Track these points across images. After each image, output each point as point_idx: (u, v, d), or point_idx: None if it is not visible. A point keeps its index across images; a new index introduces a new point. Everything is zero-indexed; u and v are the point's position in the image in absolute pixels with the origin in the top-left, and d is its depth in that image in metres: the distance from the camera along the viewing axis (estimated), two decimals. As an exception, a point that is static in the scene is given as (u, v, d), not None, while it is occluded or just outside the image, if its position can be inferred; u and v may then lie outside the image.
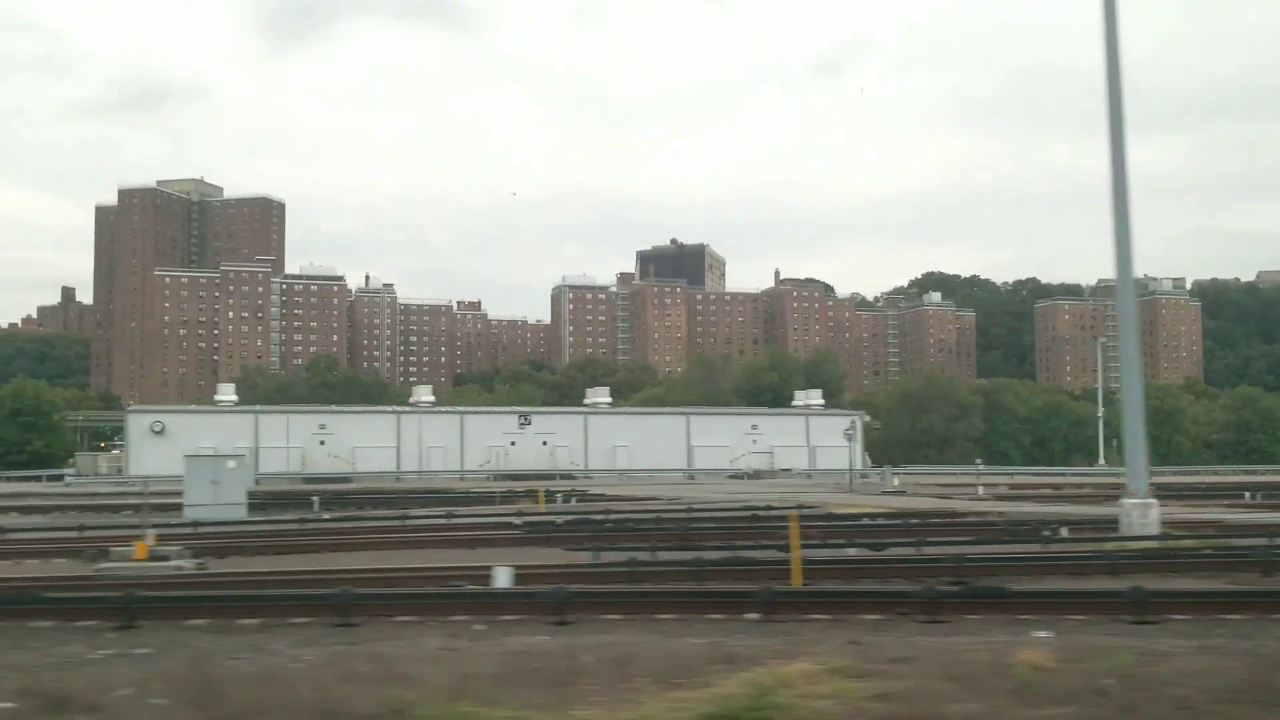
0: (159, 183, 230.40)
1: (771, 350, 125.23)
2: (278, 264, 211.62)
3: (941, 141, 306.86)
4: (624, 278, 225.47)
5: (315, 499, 38.63)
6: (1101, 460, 79.36)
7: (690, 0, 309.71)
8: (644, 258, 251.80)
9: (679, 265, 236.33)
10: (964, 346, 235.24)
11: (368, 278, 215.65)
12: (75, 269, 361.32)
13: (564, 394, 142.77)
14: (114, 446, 70.63)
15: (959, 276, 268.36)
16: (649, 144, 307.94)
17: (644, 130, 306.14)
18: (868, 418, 73.17)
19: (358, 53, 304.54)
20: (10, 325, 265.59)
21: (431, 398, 73.39)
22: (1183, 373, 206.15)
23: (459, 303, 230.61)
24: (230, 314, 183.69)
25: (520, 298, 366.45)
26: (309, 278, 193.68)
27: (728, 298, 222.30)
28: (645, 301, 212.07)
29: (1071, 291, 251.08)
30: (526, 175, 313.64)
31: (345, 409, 73.32)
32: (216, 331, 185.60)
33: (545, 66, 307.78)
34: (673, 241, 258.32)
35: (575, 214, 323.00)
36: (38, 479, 61.64)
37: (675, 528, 25.13)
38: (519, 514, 31.23)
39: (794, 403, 76.44)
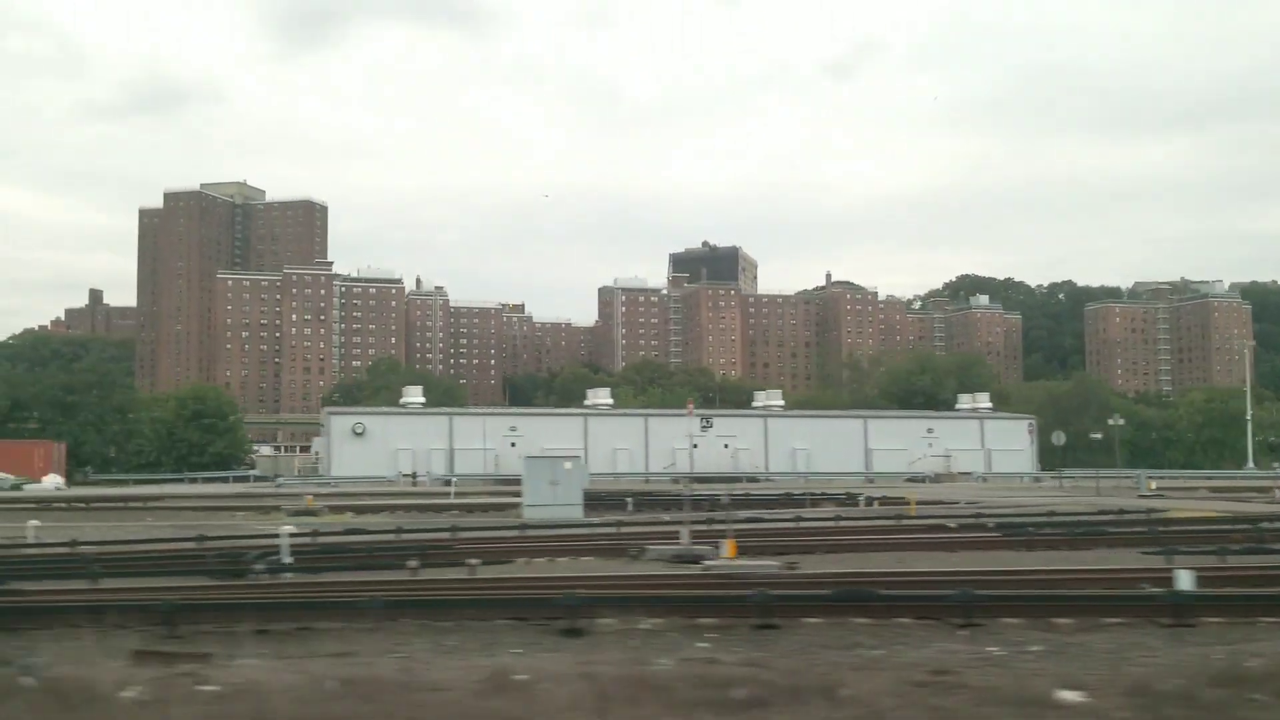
0: (203, 185, 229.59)
1: (919, 353, 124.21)
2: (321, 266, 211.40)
3: (948, 141, 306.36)
4: (676, 280, 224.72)
5: (629, 500, 38.04)
6: (1250, 463, 78.70)
7: (699, 2, 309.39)
8: (677, 260, 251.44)
9: (713, 267, 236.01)
10: (1010, 349, 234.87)
11: (419, 280, 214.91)
12: (98, 271, 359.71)
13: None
14: (298, 448, 69.85)
15: (994, 279, 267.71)
16: (661, 145, 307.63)
17: (655, 131, 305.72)
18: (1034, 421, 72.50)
19: (369, 55, 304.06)
20: (40, 328, 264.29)
21: (610, 400, 72.69)
22: (1236, 376, 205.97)
23: (502, 305, 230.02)
24: (293, 316, 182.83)
25: (541, 299, 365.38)
26: (368, 280, 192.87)
27: (780, 300, 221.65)
28: (700, 304, 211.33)
29: (1112, 294, 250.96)
30: (537, 176, 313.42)
31: (534, 411, 72.77)
32: (278, 334, 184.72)
33: (555, 68, 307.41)
34: (704, 244, 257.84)
35: (588, 215, 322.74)
36: (225, 479, 61.00)
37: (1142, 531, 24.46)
38: (898, 517, 30.77)
39: (957, 406, 75.82)
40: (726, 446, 66.23)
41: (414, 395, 71.49)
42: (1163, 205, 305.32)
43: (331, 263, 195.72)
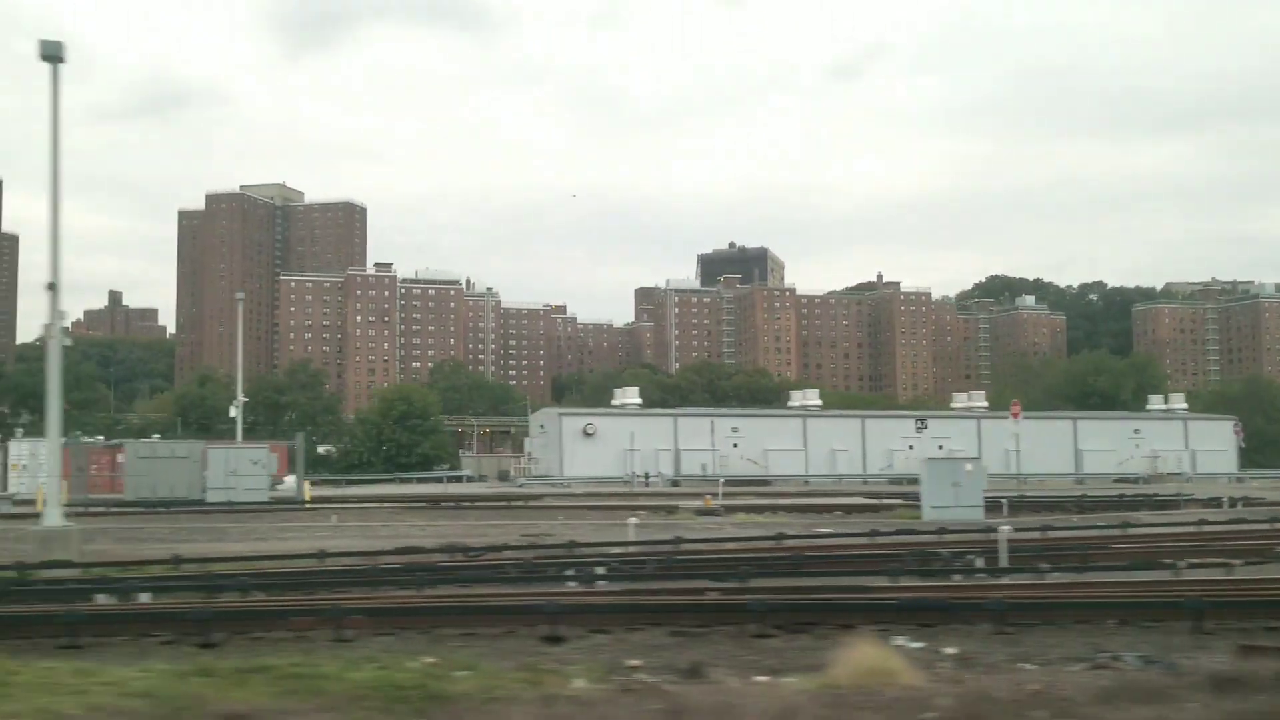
0: (242, 187, 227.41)
1: (1092, 354, 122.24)
2: (358, 268, 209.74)
3: (952, 143, 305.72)
4: (728, 281, 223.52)
5: (1004, 501, 36.68)
6: None
7: (703, 3, 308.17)
8: (705, 260, 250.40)
9: (741, 268, 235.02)
10: (1056, 349, 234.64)
11: (469, 281, 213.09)
12: (113, 272, 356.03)
13: (683, 396, 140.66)
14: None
15: (1025, 279, 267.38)
16: (667, 147, 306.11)
17: (657, 133, 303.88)
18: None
19: (373, 57, 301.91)
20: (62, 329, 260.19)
21: (819, 401, 71.35)
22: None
23: (546, 305, 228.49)
24: (357, 318, 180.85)
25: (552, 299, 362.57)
26: (426, 281, 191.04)
27: (833, 300, 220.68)
28: (755, 304, 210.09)
29: (1146, 294, 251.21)
30: (538, 178, 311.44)
31: (754, 412, 71.29)
32: (340, 336, 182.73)
33: (558, 70, 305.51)
34: (731, 244, 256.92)
35: (594, 217, 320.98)
36: (440, 480, 59.45)
37: None
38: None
39: (1148, 407, 74.81)
40: (941, 448, 64.83)
41: (631, 396, 69.94)
42: (1169, 206, 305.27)
43: (391, 264, 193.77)
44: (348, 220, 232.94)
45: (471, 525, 28.67)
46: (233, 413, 50.38)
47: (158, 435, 59.79)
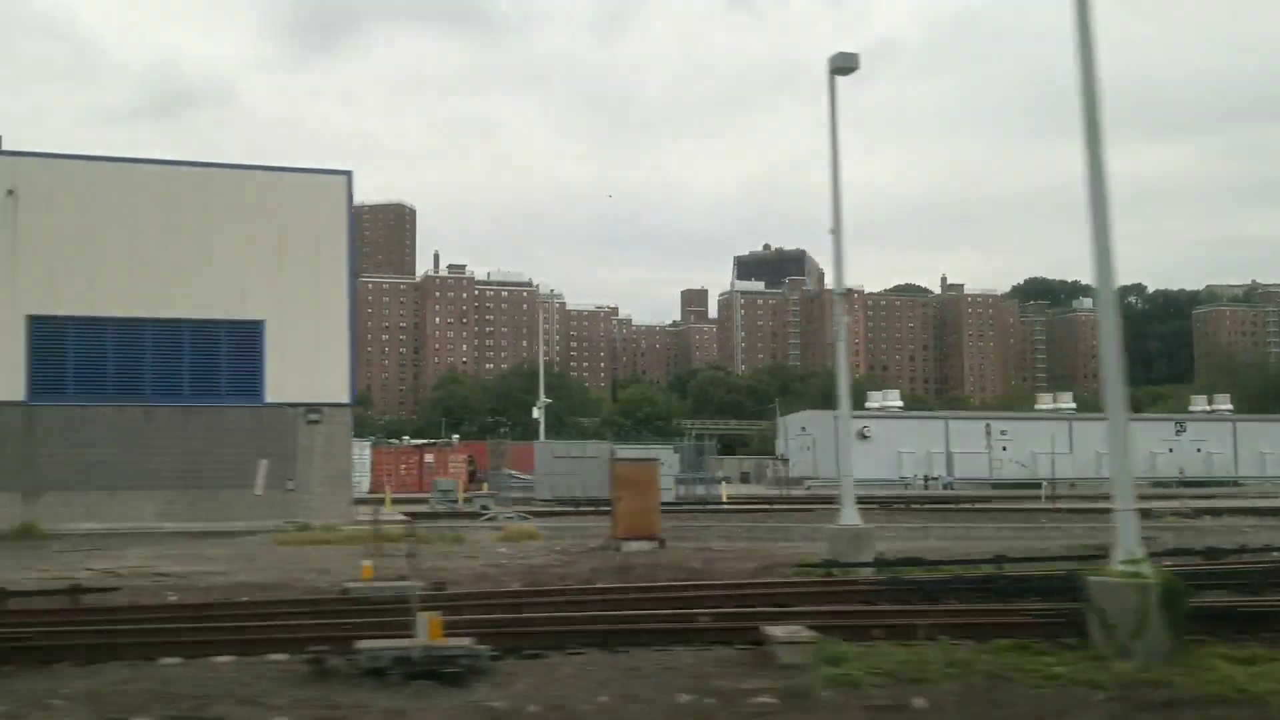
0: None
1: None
2: (409, 269, 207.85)
3: (955, 145, 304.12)
4: (794, 283, 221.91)
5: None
6: None
7: (711, 5, 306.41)
8: (741, 262, 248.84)
9: (778, 270, 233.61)
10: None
11: (532, 282, 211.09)
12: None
13: (759, 398, 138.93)
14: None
15: (1064, 281, 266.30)
16: (667, 148, 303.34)
17: (663, 134, 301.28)
18: None
19: (380, 58, 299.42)
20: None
21: (1074, 404, 69.76)
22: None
23: (599, 306, 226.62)
24: (435, 319, 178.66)
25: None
26: (499, 283, 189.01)
27: (898, 302, 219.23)
28: (824, 306, 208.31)
29: (1191, 298, 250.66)
30: (546, 179, 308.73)
31: (1022, 415, 69.46)
32: (419, 337, 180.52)
33: (564, 72, 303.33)
34: (766, 246, 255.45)
35: (603, 218, 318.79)
36: (710, 481, 57.50)
37: None
38: None
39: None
40: (1199, 450, 63.33)
41: (892, 399, 68.17)
42: (1177, 207, 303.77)
43: (464, 265, 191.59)
44: (399, 221, 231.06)
45: (1021, 530, 26.48)
46: (535, 413, 48.43)
47: (407, 436, 57.56)
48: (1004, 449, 59.27)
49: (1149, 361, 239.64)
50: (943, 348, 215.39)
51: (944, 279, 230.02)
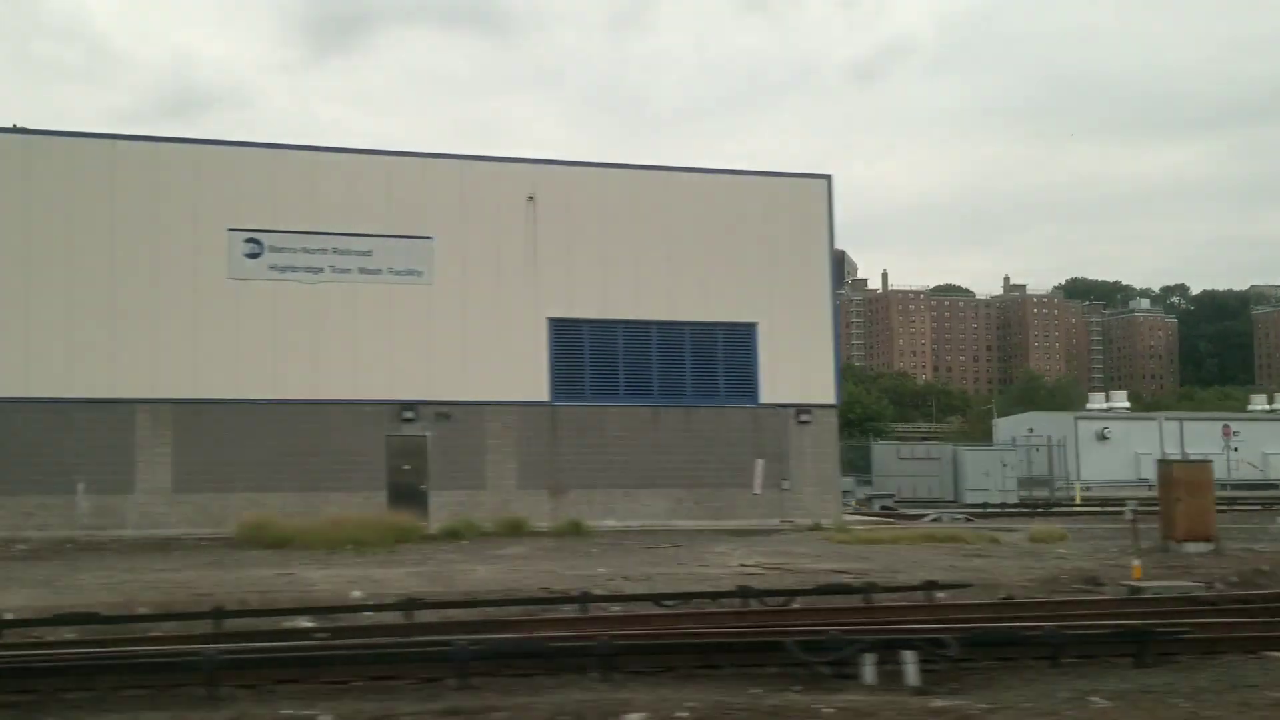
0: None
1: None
2: None
3: (969, 145, 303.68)
4: (857, 284, 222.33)
5: None
6: None
7: (725, 5, 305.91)
8: None
9: None
10: (1170, 353, 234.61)
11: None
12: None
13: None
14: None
15: (1104, 282, 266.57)
16: (684, 147, 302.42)
17: (675, 134, 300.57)
18: None
19: (394, 60, 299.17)
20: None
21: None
22: None
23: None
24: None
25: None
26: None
27: (962, 303, 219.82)
28: (889, 307, 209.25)
29: (1240, 299, 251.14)
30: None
31: (1252, 415, 70.20)
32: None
33: (580, 72, 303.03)
34: None
35: None
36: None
37: None
38: None
39: None
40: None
41: (1118, 400, 68.88)
42: (1183, 210, 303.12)
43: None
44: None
45: None
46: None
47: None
48: (1235, 449, 59.95)
49: (1199, 362, 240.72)
50: (1007, 348, 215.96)
51: (1006, 279, 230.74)
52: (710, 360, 28.97)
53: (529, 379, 27.76)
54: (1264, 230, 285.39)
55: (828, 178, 30.07)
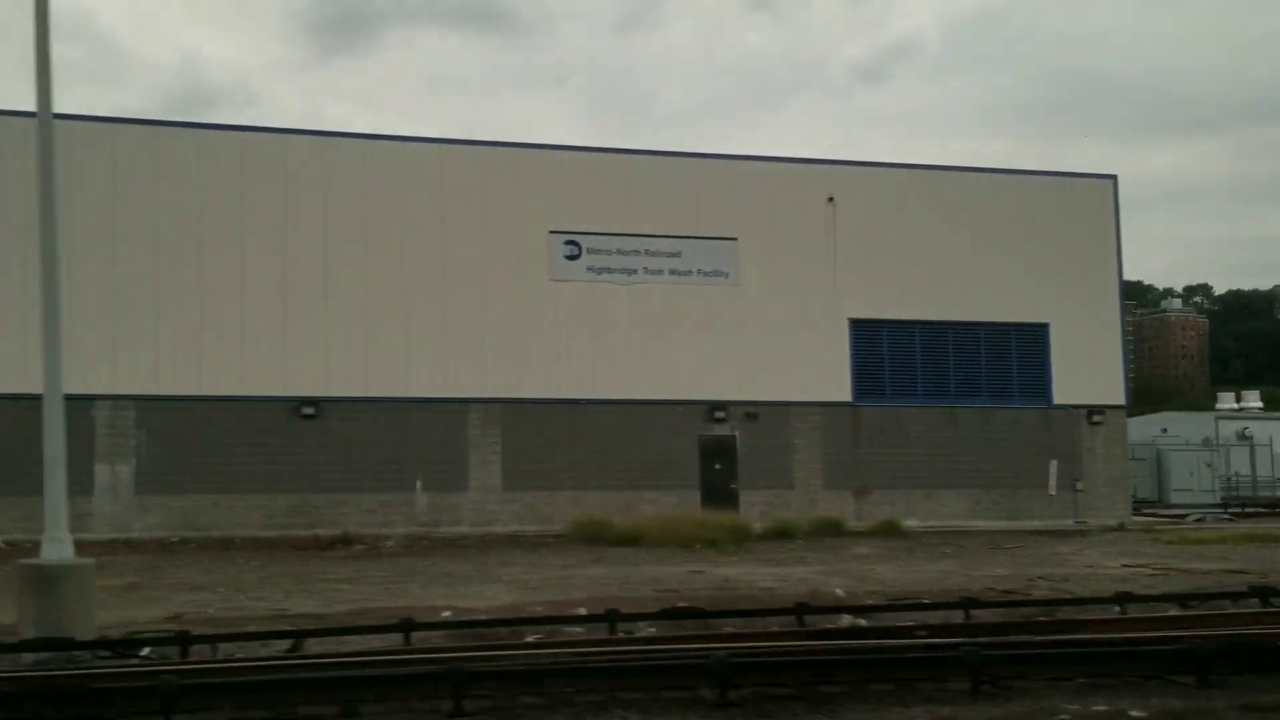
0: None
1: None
2: None
3: (975, 145, 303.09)
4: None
5: None
6: None
7: (732, 6, 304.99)
8: None
9: None
10: (1201, 353, 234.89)
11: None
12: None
13: None
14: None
15: (1129, 282, 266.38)
16: (690, 148, 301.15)
17: (682, 134, 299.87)
18: None
19: (400, 59, 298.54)
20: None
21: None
22: None
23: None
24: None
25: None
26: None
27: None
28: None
29: (1266, 299, 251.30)
30: None
31: None
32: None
33: (587, 71, 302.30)
34: None
35: None
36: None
37: None
38: None
39: None
40: None
41: (1251, 400, 68.94)
42: (1194, 208, 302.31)
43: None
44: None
45: None
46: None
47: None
48: (1376, 448, 60.18)
49: (1225, 362, 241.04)
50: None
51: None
52: (1004, 361, 29.19)
53: (831, 379, 27.98)
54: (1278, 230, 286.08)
55: (1113, 178, 30.28)
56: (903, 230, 28.82)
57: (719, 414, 27.38)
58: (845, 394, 28.09)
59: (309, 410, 25.03)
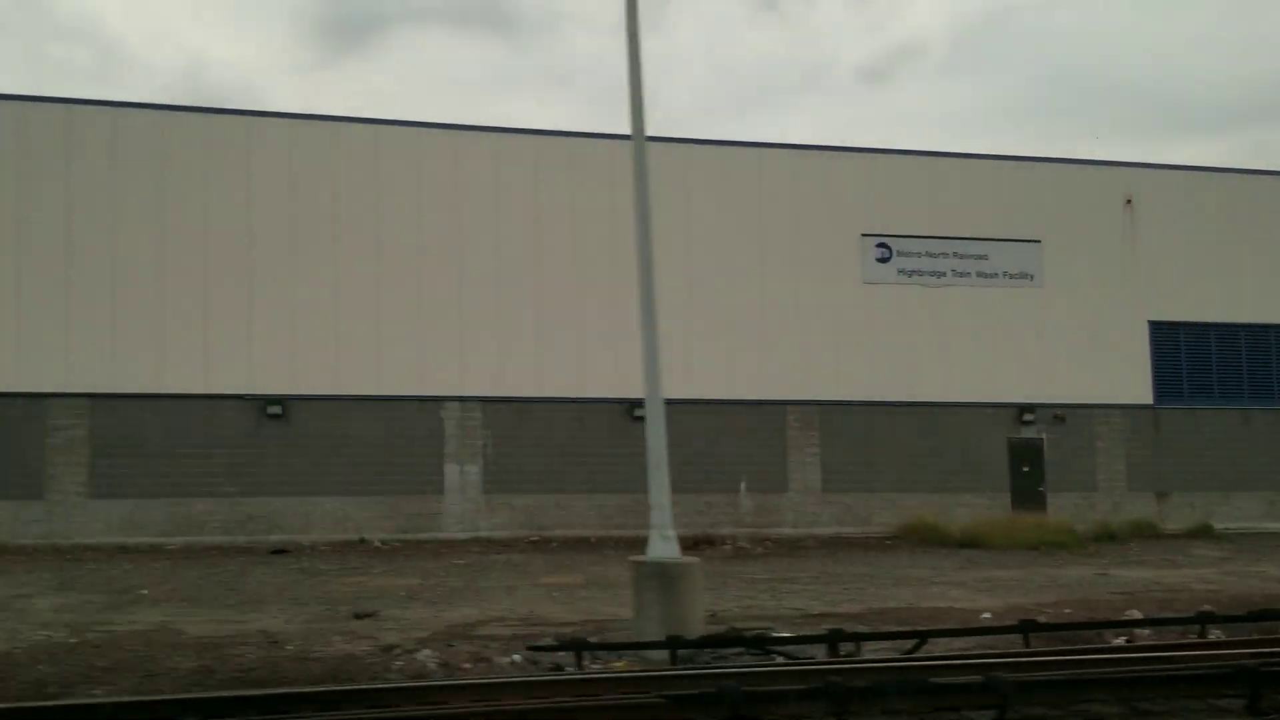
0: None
1: None
2: None
3: (980, 145, 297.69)
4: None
5: None
6: None
7: (737, 7, 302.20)
8: None
9: None
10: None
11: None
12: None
13: None
14: None
15: None
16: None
17: (687, 135, 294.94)
18: None
19: (406, 60, 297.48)
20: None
21: None
22: None
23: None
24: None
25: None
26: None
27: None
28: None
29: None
30: None
31: None
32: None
33: (592, 73, 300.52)
34: None
35: None
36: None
37: None
38: None
39: None
40: None
41: None
42: None
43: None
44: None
45: None
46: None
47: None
48: None
49: None
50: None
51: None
52: (1292, 362, 29.10)
53: (1132, 382, 27.99)
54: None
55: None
56: (1197, 231, 28.76)
57: (1027, 417, 27.44)
58: (1146, 396, 28.07)
59: (641, 413, 25.29)
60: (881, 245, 27.08)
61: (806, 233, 26.79)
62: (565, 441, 25.06)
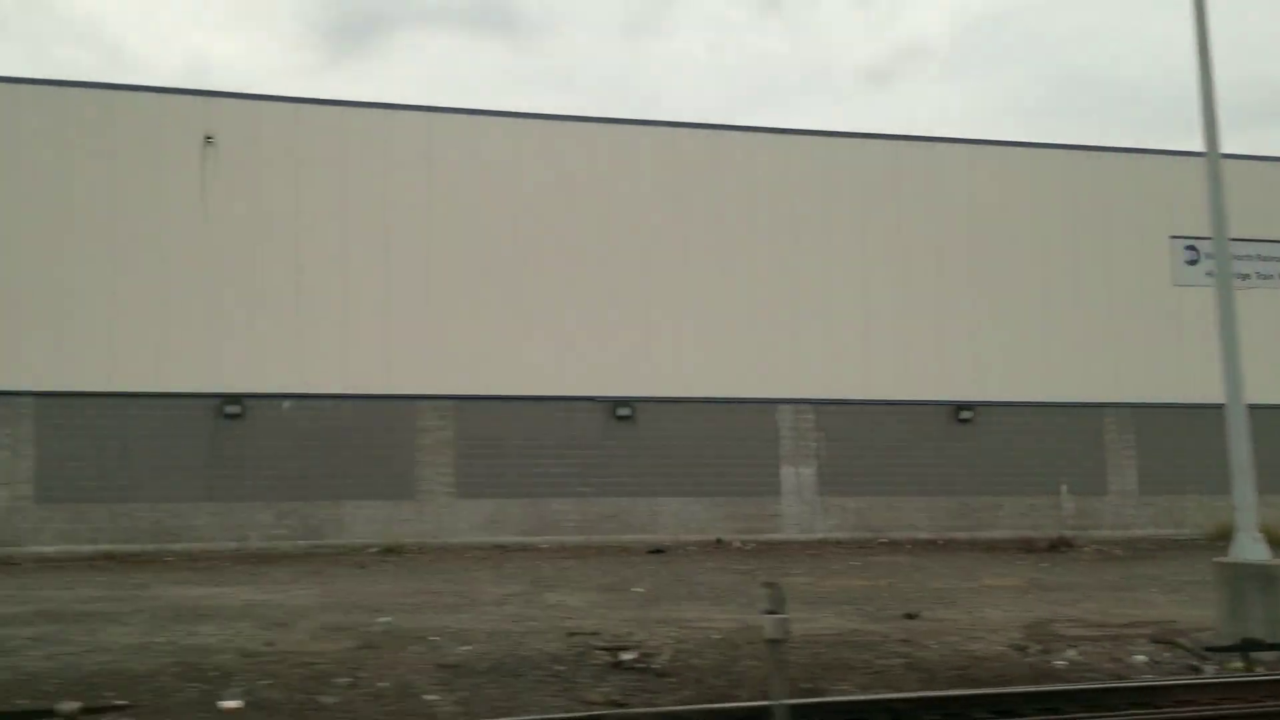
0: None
1: None
2: None
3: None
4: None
5: None
6: None
7: (739, 8, 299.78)
8: None
9: None
10: None
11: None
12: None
13: None
14: None
15: None
16: None
17: None
18: None
19: (409, 61, 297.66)
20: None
21: None
22: None
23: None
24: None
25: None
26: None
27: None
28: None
29: None
30: None
31: None
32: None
33: (594, 74, 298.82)
34: None
35: None
36: None
37: None
38: None
39: None
40: None
41: None
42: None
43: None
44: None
45: None
46: None
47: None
48: None
49: None
50: None
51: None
52: None
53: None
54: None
55: None
56: None
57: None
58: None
59: (966, 415, 25.54)
60: (1190, 247, 27.08)
61: (1116, 235, 26.87)
62: (895, 444, 25.29)
